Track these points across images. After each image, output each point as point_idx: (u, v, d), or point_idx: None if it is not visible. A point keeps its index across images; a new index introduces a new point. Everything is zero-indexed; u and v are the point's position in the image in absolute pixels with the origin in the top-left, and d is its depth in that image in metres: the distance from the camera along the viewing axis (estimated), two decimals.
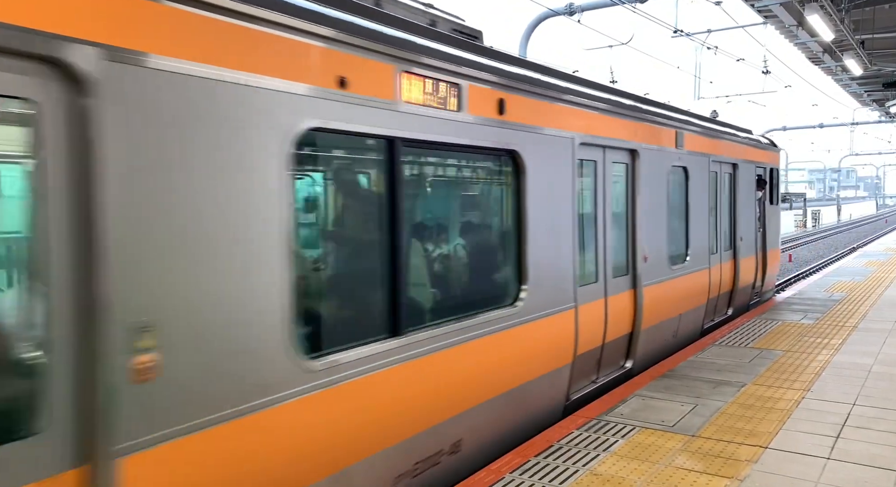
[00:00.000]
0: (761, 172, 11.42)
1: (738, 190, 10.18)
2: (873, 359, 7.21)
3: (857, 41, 13.24)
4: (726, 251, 9.75)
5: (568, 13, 16.36)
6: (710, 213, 9.09)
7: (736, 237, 10.11)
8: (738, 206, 10.18)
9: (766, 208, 11.77)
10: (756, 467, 4.41)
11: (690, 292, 8.29)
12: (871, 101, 25.58)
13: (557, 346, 5.51)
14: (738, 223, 10.16)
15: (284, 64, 3.12)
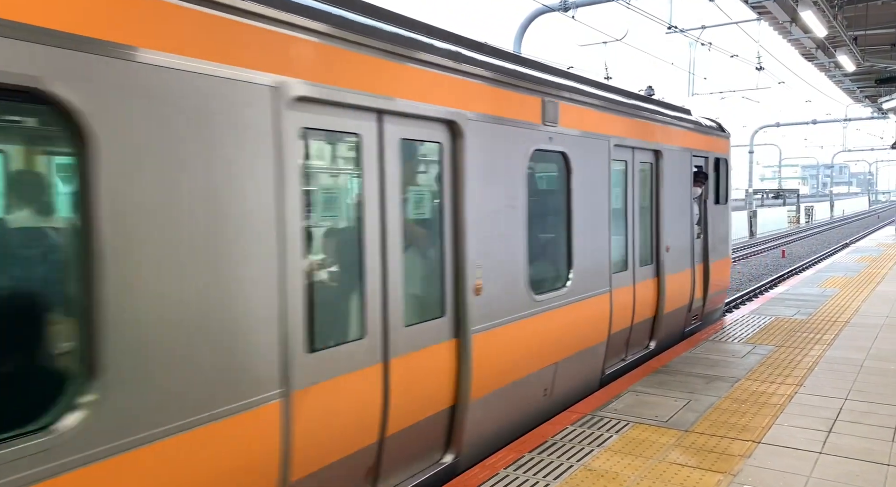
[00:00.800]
0: (701, 162, 8.91)
1: (661, 185, 7.59)
2: (865, 354, 7.26)
3: (850, 37, 13.28)
4: (643, 267, 7.30)
5: (562, 9, 16.35)
6: (614, 216, 6.62)
7: (659, 248, 7.58)
8: (663, 206, 7.63)
9: (708, 209, 9.08)
10: (749, 462, 4.43)
11: (574, 328, 5.76)
12: (863, 97, 25.70)
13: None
14: (663, 229, 7.59)
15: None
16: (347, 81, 3.48)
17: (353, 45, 3.51)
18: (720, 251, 9.58)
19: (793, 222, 50.46)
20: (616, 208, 6.79)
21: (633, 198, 7.14)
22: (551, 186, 5.88)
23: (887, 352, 7.34)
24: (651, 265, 7.50)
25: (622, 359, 7.08)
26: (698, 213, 8.92)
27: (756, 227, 40.02)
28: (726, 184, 9.76)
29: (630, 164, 7.03)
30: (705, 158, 9.05)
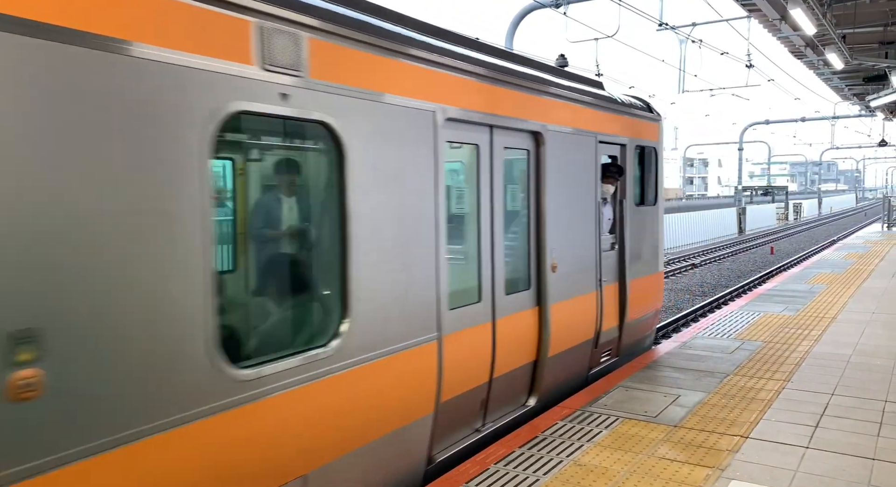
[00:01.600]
0: (616, 151, 6.82)
1: (543, 180, 5.53)
2: (852, 350, 7.33)
3: (838, 36, 13.37)
4: (514, 295, 5.28)
5: (554, 5, 16.36)
6: (451, 224, 4.70)
7: (542, 267, 5.57)
8: (546, 209, 5.56)
9: (627, 212, 7.00)
10: (737, 456, 4.47)
11: (366, 400, 3.91)
12: (851, 95, 25.90)
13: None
14: (547, 241, 5.56)
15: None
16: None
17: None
18: (646, 265, 7.47)
19: (781, 218, 50.85)
20: (457, 214, 4.90)
21: (492, 199, 4.95)
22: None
23: (873, 348, 7.42)
24: (527, 291, 5.45)
25: (476, 430, 5.00)
26: (611, 217, 6.82)
27: (745, 224, 40.29)
28: (655, 179, 7.69)
29: (485, 149, 4.90)
30: (621, 145, 6.87)
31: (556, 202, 5.72)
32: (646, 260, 7.56)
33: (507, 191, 5.32)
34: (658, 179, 7.89)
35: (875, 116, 34.79)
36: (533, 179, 5.56)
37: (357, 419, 3.75)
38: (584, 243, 6.27)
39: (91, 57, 2.46)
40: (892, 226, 28.61)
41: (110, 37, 2.52)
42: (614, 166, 6.88)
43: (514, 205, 5.52)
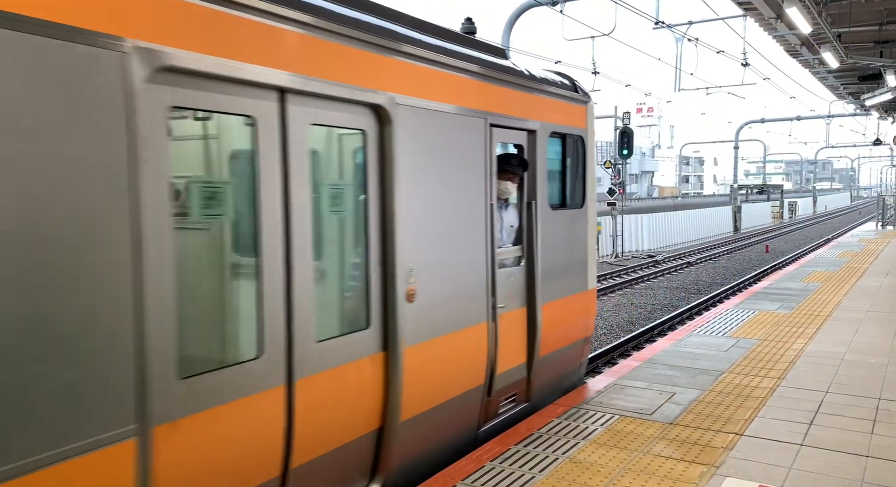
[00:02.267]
0: (521, 138, 5.32)
1: (392, 174, 3.95)
2: (846, 348, 7.36)
3: (833, 34, 13.40)
4: (334, 339, 3.71)
5: (550, 3, 16.36)
6: (211, 239, 3.34)
7: (389, 297, 4.00)
8: (397, 213, 3.99)
9: (540, 218, 5.46)
10: (732, 454, 4.49)
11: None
12: (846, 94, 25.97)
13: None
14: (398, 258, 3.99)
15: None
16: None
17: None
18: (569, 283, 5.96)
19: (776, 217, 51.01)
20: (208, 220, 3.15)
21: (286, 199, 3.34)
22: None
23: (867, 346, 7.45)
24: (364, 332, 3.84)
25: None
26: (515, 225, 5.32)
27: (740, 222, 40.41)
28: (584, 175, 6.17)
29: (270, 125, 3.26)
30: (529, 132, 5.32)
31: (415, 204, 4.04)
32: (568, 277, 5.94)
33: (321, 188, 3.63)
34: (588, 176, 6.24)
35: (870, 115, 34.93)
36: (374, 171, 3.82)
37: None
38: (466, 259, 4.55)
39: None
40: (887, 225, 28.73)
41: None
42: (516, 159, 5.21)
43: (339, 208, 3.82)
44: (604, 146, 50.71)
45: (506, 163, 5.15)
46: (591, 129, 6.38)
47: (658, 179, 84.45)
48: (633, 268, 22.50)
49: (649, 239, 30.84)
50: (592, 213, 6.41)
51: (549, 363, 5.71)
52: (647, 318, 14.49)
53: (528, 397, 5.55)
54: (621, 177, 26.21)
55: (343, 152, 4.05)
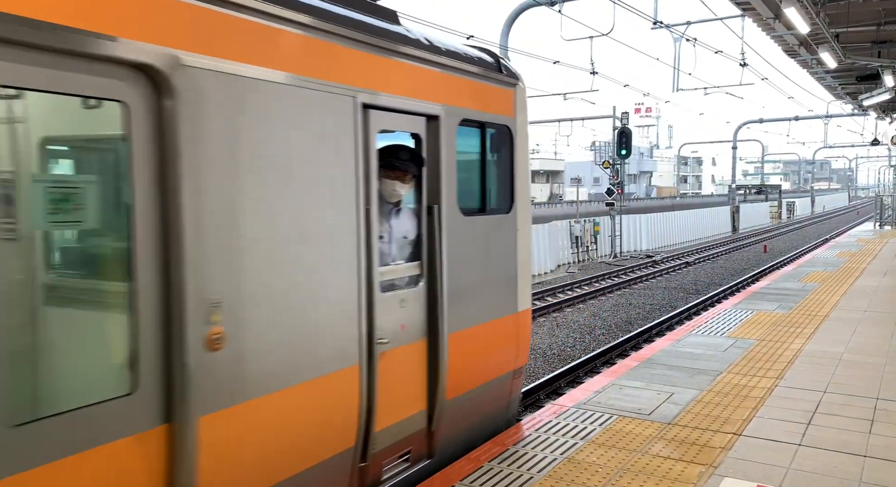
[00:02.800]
0: (416, 126, 4.24)
1: (177, 168, 2.69)
2: (844, 348, 7.37)
3: (831, 35, 13.42)
4: (70, 415, 2.36)
5: (549, 3, 16.36)
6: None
7: (176, 340, 2.71)
8: (186, 221, 2.72)
9: (445, 225, 4.36)
10: (730, 454, 4.49)
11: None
12: (844, 94, 26.00)
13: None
14: (189, 288, 2.73)
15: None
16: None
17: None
18: (492, 305, 4.92)
19: (774, 217, 51.07)
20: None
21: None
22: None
23: (865, 346, 7.46)
24: (129, 398, 2.59)
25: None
26: (412, 235, 4.27)
27: (739, 222, 40.46)
28: (510, 174, 5.11)
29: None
30: (428, 118, 4.22)
31: (225, 211, 2.91)
32: (489, 297, 4.87)
33: (36, 187, 2.56)
34: (518, 174, 5.14)
35: (868, 115, 34.96)
36: (145, 161, 2.64)
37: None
38: (320, 282, 3.40)
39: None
40: (885, 225, 28.77)
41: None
42: (407, 152, 4.17)
43: (70, 216, 2.59)
44: (602, 146, 50.69)
45: (393, 157, 4.07)
46: (521, 117, 5.19)
47: (656, 179, 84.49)
48: (631, 268, 22.51)
49: (648, 239, 30.86)
50: (525, 219, 5.25)
51: (462, 406, 4.60)
52: (646, 318, 14.50)
53: (430, 452, 4.41)
54: (620, 177, 26.22)
55: (81, 132, 2.83)
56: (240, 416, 2.98)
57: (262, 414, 3.11)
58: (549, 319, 14.61)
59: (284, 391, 3.23)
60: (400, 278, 4.16)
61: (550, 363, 10.88)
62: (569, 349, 11.83)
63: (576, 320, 14.45)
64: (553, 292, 17.65)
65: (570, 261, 25.24)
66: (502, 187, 5.12)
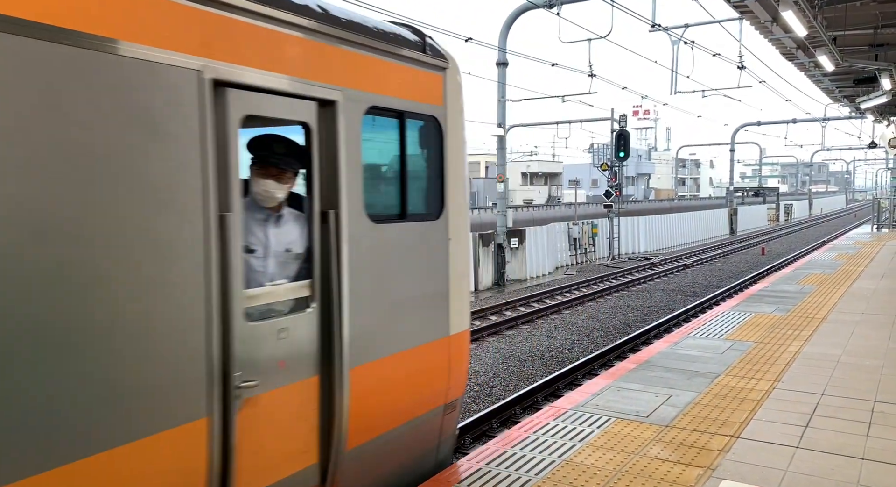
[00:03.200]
0: (304, 113, 3.34)
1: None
2: (842, 350, 7.38)
3: (829, 38, 13.45)
4: None
5: (547, 6, 16.39)
6: None
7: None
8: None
9: (345, 235, 3.50)
10: (728, 456, 4.49)
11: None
12: (842, 97, 26.05)
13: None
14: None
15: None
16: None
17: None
18: (415, 328, 4.14)
19: (772, 220, 51.13)
20: None
21: None
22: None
23: (863, 348, 7.47)
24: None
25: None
26: (299, 248, 3.48)
27: (737, 225, 40.50)
28: (439, 173, 4.34)
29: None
30: (322, 103, 3.44)
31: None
32: (412, 320, 4.09)
33: None
34: (449, 174, 4.36)
35: (865, 118, 35.03)
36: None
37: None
38: (136, 313, 2.57)
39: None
40: (882, 227, 28.83)
41: None
42: (283, 145, 3.40)
43: None
44: (601, 149, 50.68)
45: (265, 150, 3.34)
46: (454, 107, 4.38)
47: (654, 181, 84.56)
48: (629, 270, 22.53)
49: (646, 241, 30.90)
50: (460, 225, 4.45)
51: (371, 455, 3.80)
52: (644, 320, 14.51)
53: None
54: (618, 179, 26.25)
55: None
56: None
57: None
58: (548, 321, 14.61)
59: (81, 464, 2.33)
60: (280, 301, 3.27)
61: (548, 366, 10.88)
62: (567, 352, 11.83)
63: (574, 322, 14.45)
64: (551, 295, 17.64)
65: (569, 263, 25.26)
66: (429, 188, 4.34)
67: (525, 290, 19.19)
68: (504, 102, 20.36)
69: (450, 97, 4.37)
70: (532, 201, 53.24)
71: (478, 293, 19.61)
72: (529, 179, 61.41)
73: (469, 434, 7.62)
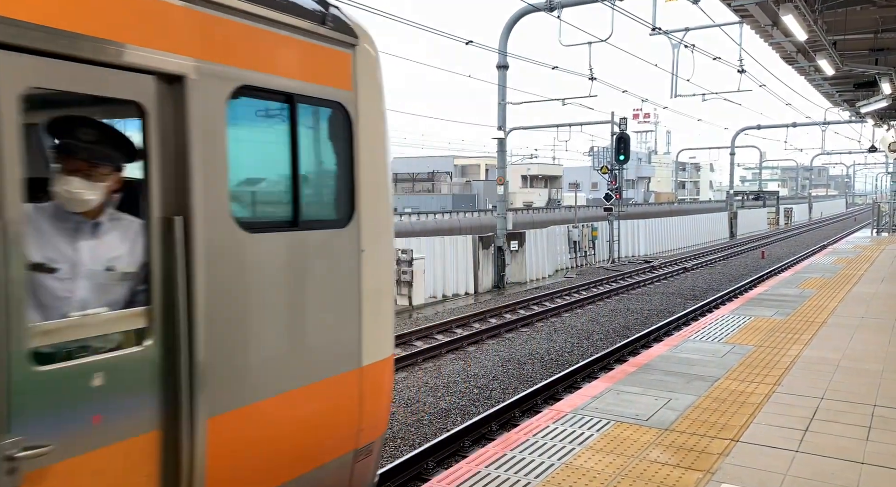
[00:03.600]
0: (132, 90, 2.48)
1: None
2: (841, 354, 7.37)
3: (829, 42, 13.47)
4: None
5: (548, 9, 16.41)
6: None
7: None
8: None
9: (201, 247, 2.69)
10: (727, 460, 4.49)
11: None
12: (842, 101, 26.07)
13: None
14: None
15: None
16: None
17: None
18: (307, 362, 3.35)
19: (772, 223, 51.16)
20: None
21: None
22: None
23: (863, 352, 7.47)
24: None
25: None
26: (128, 265, 2.65)
27: (736, 228, 40.50)
28: (347, 170, 3.59)
29: None
30: (162, 78, 2.58)
31: None
32: (306, 351, 3.34)
33: None
34: (360, 171, 3.61)
35: (865, 123, 35.05)
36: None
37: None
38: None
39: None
40: (882, 231, 28.84)
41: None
42: (94, 129, 2.64)
43: None
44: (601, 152, 50.69)
45: (68, 136, 2.61)
46: (369, 93, 3.66)
47: (654, 184, 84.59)
48: (629, 273, 22.53)
49: (646, 244, 30.90)
50: (377, 234, 3.73)
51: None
52: (643, 323, 14.50)
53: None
54: (618, 182, 26.26)
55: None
56: None
57: None
58: (547, 324, 14.60)
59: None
60: (98, 336, 2.51)
61: (548, 368, 10.87)
62: (566, 355, 11.82)
63: (574, 325, 14.45)
64: (551, 297, 17.64)
65: (569, 266, 25.25)
66: (333, 190, 3.68)
67: (525, 293, 19.18)
68: (504, 104, 20.38)
69: (361, 80, 3.62)
70: (532, 204, 53.25)
71: (478, 296, 19.61)
72: (529, 181, 61.45)
73: (468, 436, 7.62)
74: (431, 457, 6.99)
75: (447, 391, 9.58)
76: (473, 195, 51.86)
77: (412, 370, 10.72)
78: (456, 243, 19.90)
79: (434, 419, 8.49)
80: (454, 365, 11.06)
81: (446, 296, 19.20)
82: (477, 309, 15.57)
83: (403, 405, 8.95)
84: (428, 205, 43.32)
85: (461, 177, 60.97)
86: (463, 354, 11.85)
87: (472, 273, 20.24)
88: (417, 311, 16.71)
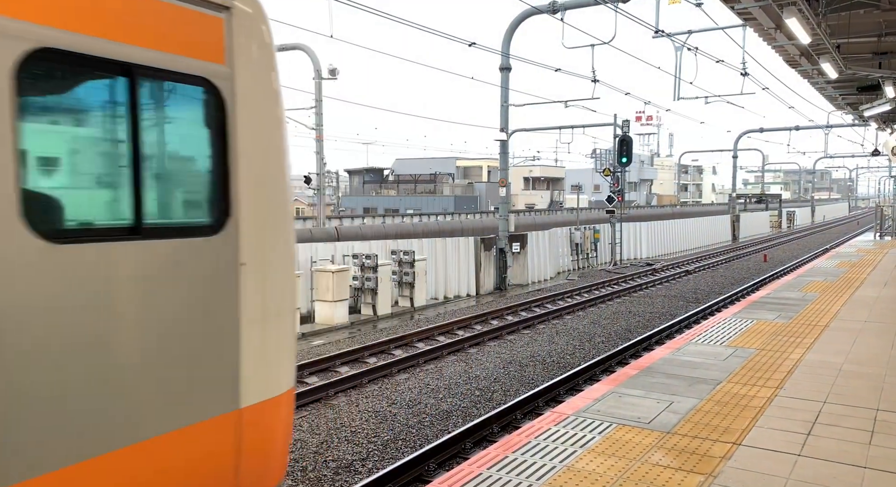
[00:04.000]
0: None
1: None
2: (844, 358, 7.35)
3: (832, 45, 13.45)
4: None
5: (551, 11, 16.43)
6: None
7: None
8: None
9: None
10: (729, 463, 4.48)
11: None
12: (845, 104, 26.05)
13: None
14: None
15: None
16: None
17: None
18: (155, 408, 2.67)
19: (775, 226, 51.09)
20: None
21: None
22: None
23: (865, 356, 7.45)
24: None
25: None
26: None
27: (739, 231, 40.45)
28: (220, 163, 2.92)
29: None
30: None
31: None
32: (143, 395, 2.67)
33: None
34: (239, 164, 2.98)
35: (868, 126, 35.00)
36: None
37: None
38: None
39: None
40: (885, 235, 28.78)
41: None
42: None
43: None
44: (603, 154, 50.69)
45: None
46: (251, 69, 3.04)
47: (657, 187, 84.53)
48: (631, 276, 22.51)
49: (648, 247, 30.87)
50: (265, 242, 3.15)
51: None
52: (645, 326, 14.48)
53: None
54: (620, 185, 26.25)
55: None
56: None
57: None
58: (549, 326, 14.59)
59: None
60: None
61: (549, 371, 10.86)
62: (568, 357, 11.81)
63: (575, 327, 14.43)
64: (553, 300, 17.63)
65: (570, 268, 25.24)
66: (198, 186, 3.03)
67: (527, 294, 19.17)
68: (507, 106, 20.39)
69: (240, 52, 2.95)
70: (534, 206, 53.23)
71: (479, 297, 19.61)
72: (532, 183, 61.44)
73: (470, 438, 7.61)
74: (433, 459, 6.99)
75: (448, 393, 9.57)
76: (475, 197, 51.86)
77: (414, 372, 10.72)
78: (458, 244, 19.91)
79: (435, 420, 8.48)
80: (456, 367, 11.05)
81: (448, 298, 19.21)
82: (478, 311, 15.57)
83: (405, 407, 8.95)
84: (430, 206, 43.41)
85: (463, 179, 60.97)
86: (464, 355, 11.85)
87: (473, 275, 20.24)
88: (419, 312, 16.72)
